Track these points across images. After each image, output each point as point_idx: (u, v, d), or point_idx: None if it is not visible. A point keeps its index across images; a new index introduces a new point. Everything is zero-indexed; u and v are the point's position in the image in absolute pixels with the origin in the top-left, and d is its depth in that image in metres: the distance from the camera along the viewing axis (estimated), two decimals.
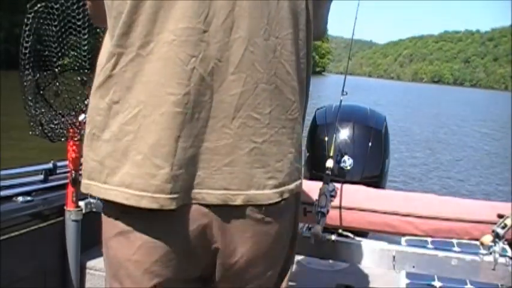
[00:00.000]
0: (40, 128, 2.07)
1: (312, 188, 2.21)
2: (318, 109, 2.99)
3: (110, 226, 1.05)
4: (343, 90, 2.41)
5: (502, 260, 1.81)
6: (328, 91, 43.68)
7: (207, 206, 1.00)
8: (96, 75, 1.05)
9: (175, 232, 1.01)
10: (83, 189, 1.06)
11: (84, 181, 1.05)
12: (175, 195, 0.97)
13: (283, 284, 1.17)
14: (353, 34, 2.47)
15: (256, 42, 0.99)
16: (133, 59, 0.98)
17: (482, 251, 1.86)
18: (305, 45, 1.08)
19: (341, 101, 2.45)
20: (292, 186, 1.08)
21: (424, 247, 2.03)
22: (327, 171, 2.15)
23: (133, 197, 0.97)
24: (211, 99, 0.98)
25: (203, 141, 0.99)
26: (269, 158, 1.03)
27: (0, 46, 23.57)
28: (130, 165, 0.98)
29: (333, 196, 2.08)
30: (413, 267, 1.92)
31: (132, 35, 0.98)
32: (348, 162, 2.59)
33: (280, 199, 1.05)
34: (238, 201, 1.01)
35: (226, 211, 1.01)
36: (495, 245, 1.82)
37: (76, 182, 2.13)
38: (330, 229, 2.17)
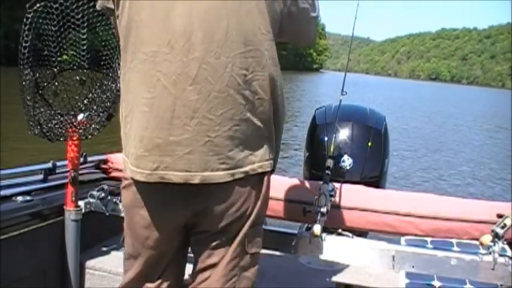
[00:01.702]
0: (39, 127, 2.07)
1: (312, 188, 2.21)
2: (317, 109, 2.98)
3: (123, 181, 1.51)
4: (342, 90, 2.41)
5: (501, 259, 1.81)
6: (325, 88, 43.76)
7: (176, 184, 1.34)
8: None
9: (154, 196, 1.42)
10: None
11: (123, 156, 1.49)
12: (140, 170, 1.36)
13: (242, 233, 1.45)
14: (352, 35, 2.48)
15: (209, 61, 1.31)
16: (127, 71, 1.40)
17: (482, 251, 1.86)
18: (261, 61, 1.36)
19: (340, 101, 2.45)
20: (246, 168, 1.38)
21: (424, 247, 2.03)
22: (327, 171, 2.16)
23: (128, 167, 1.41)
24: (175, 103, 1.32)
25: (170, 135, 1.33)
26: (222, 149, 1.34)
27: (0, 42, 23.45)
28: (129, 146, 1.40)
29: (333, 196, 2.08)
30: (413, 267, 1.92)
31: (126, 54, 1.40)
32: (347, 162, 2.59)
33: (231, 179, 1.36)
34: (196, 180, 1.34)
35: (191, 188, 1.35)
36: (494, 245, 1.82)
37: (75, 182, 2.13)
38: (329, 229, 2.17)
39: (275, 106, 1.43)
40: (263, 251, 2.12)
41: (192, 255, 1.55)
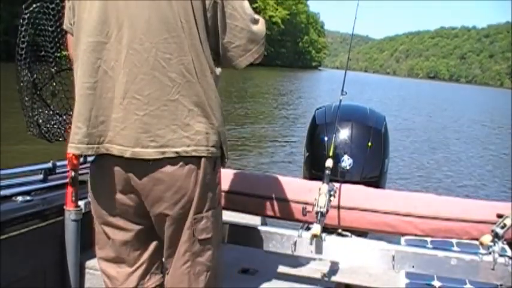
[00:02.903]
0: (38, 128, 2.06)
1: (312, 188, 2.21)
2: (317, 109, 2.98)
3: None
4: (342, 90, 2.42)
5: (501, 259, 1.82)
6: (323, 86, 43.75)
7: (116, 156, 1.50)
8: None
9: (103, 169, 1.57)
10: None
11: None
12: (90, 145, 1.51)
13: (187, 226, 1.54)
14: (352, 34, 2.48)
15: (135, 47, 1.46)
16: (78, 66, 1.54)
17: (482, 251, 1.87)
18: (183, 47, 1.47)
19: (340, 101, 2.46)
20: (178, 149, 1.47)
21: (424, 247, 2.03)
22: (327, 171, 2.16)
23: (70, 146, 1.54)
24: (114, 86, 1.48)
25: (111, 113, 1.49)
26: (150, 127, 1.47)
27: (0, 38, 23.42)
28: (76, 128, 1.53)
29: (333, 196, 2.09)
30: (413, 267, 1.93)
31: (77, 50, 1.55)
32: (347, 162, 2.59)
33: (161, 156, 1.47)
34: (127, 154, 1.48)
35: (126, 161, 1.49)
36: (494, 245, 1.83)
37: (75, 182, 2.13)
38: (329, 229, 2.18)
39: (204, 89, 1.51)
40: (263, 251, 2.14)
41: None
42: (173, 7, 1.46)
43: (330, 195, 2.06)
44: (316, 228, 1.94)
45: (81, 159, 2.27)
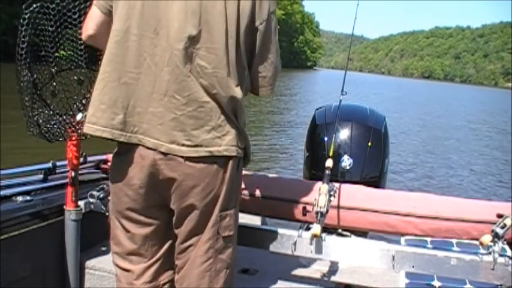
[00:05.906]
0: (37, 128, 2.06)
1: (312, 188, 2.22)
2: (317, 109, 2.98)
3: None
4: (342, 90, 2.42)
5: (501, 259, 1.82)
6: (321, 86, 43.76)
7: (148, 148, 1.55)
8: None
9: (131, 159, 1.59)
10: None
11: None
12: (124, 133, 1.57)
13: (211, 222, 1.59)
14: (352, 34, 2.49)
15: (179, 48, 1.52)
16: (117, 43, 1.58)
17: (482, 251, 1.87)
18: (222, 60, 1.53)
19: (340, 101, 2.46)
20: (212, 149, 1.54)
21: (424, 247, 2.03)
22: (327, 171, 2.16)
23: (99, 130, 1.57)
24: (155, 80, 1.54)
25: (148, 106, 1.54)
26: (186, 126, 1.53)
27: None
28: (94, 110, 1.58)
29: (333, 196, 2.09)
30: (413, 267, 1.93)
31: (119, 34, 1.57)
32: (347, 162, 2.60)
33: (195, 155, 1.53)
34: (162, 149, 1.54)
35: (158, 154, 1.54)
36: (494, 245, 1.83)
37: (75, 182, 2.13)
38: (329, 229, 2.18)
39: (233, 99, 1.57)
40: (263, 251, 2.14)
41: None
42: (223, 21, 1.53)
43: (330, 195, 2.06)
44: (316, 228, 1.94)
45: (81, 159, 2.27)
